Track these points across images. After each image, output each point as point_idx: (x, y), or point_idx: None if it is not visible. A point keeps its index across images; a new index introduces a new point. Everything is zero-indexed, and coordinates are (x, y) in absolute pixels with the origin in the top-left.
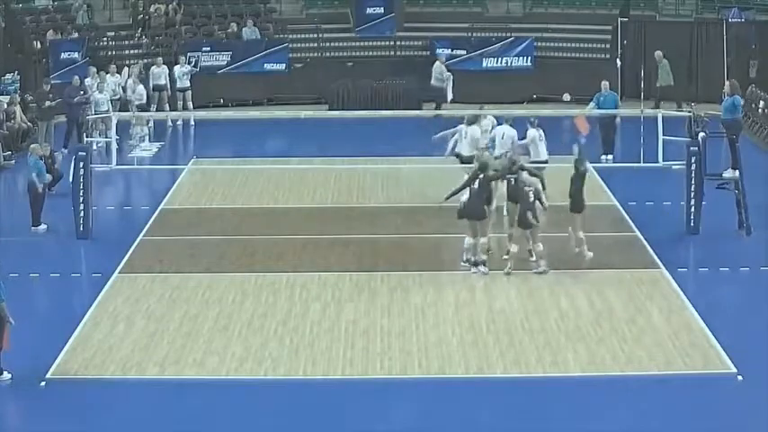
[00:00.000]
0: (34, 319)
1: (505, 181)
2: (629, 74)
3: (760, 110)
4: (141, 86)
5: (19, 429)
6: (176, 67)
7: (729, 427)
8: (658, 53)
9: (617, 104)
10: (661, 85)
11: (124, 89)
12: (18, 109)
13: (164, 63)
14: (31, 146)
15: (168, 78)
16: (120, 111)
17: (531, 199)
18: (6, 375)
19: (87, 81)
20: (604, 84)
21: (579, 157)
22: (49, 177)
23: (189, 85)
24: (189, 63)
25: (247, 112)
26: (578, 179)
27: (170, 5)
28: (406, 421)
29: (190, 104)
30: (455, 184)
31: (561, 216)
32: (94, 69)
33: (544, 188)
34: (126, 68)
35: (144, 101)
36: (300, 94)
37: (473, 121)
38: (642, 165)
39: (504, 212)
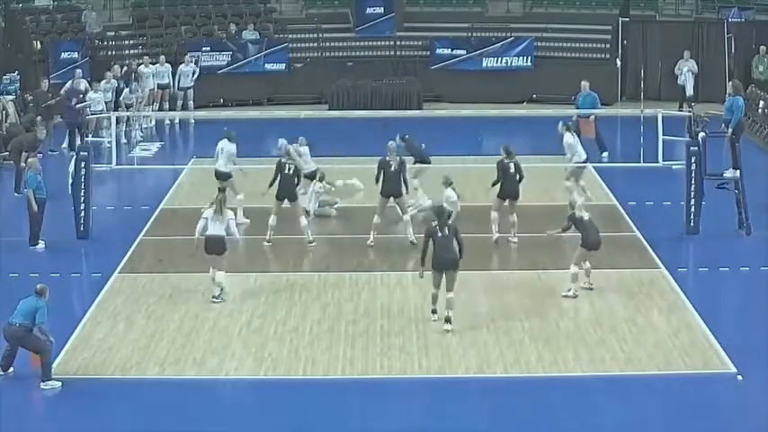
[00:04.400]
0: None
1: None
2: (629, 74)
3: (760, 110)
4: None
5: (19, 429)
6: (181, 66)
7: (729, 427)
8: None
9: (595, 105)
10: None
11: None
12: (12, 109)
13: (166, 62)
14: (29, 160)
15: (172, 77)
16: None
17: None
18: (57, 383)
19: (102, 83)
20: (584, 84)
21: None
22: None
23: (192, 84)
24: (192, 62)
25: (247, 112)
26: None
27: None
28: (406, 421)
29: (190, 104)
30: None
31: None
32: (110, 73)
33: None
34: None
35: (131, 101)
36: (300, 94)
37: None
38: (642, 165)
39: None
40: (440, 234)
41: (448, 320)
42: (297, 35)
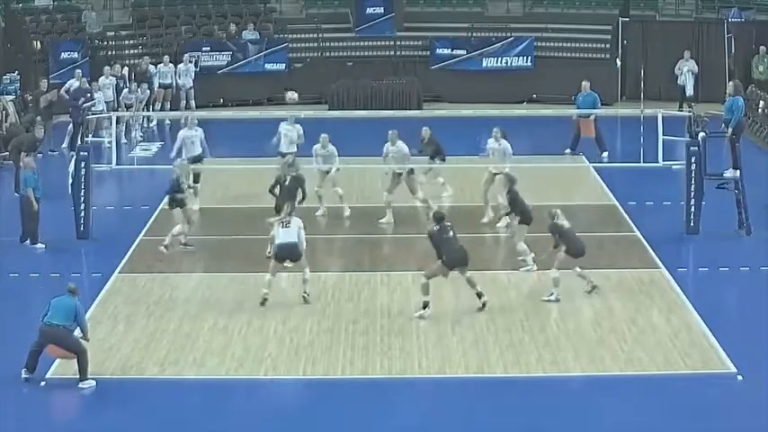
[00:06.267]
0: (34, 319)
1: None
2: (629, 74)
3: (760, 110)
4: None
5: (18, 429)
6: (180, 66)
7: (729, 427)
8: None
9: (596, 105)
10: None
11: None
12: (12, 109)
13: (170, 62)
14: (25, 159)
15: (174, 77)
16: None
17: None
18: (92, 382)
19: (101, 80)
20: (584, 84)
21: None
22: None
23: (192, 84)
24: (190, 62)
25: (247, 112)
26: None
27: None
28: (406, 421)
29: (192, 103)
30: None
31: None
32: (108, 68)
33: None
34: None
35: (131, 102)
36: (300, 93)
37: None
38: (642, 165)
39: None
40: (445, 236)
41: (480, 296)
42: (297, 35)
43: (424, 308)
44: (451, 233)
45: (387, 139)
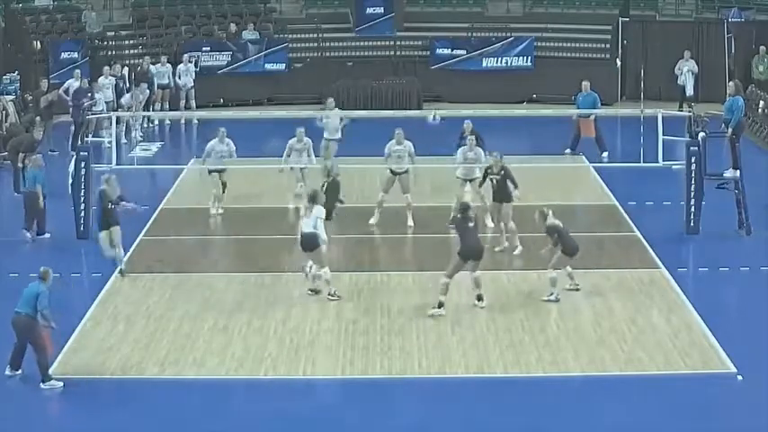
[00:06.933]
0: None
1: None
2: (629, 74)
3: (760, 110)
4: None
5: (18, 429)
6: (180, 66)
7: (729, 427)
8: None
9: (596, 105)
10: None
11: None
12: (12, 109)
13: (168, 62)
14: (32, 157)
15: (172, 77)
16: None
17: None
18: (58, 383)
19: (100, 80)
20: (585, 84)
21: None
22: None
23: (192, 84)
24: (190, 62)
25: (247, 112)
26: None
27: None
28: (406, 421)
29: (192, 103)
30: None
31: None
32: (108, 68)
33: None
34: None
35: (131, 104)
36: (300, 94)
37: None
38: (642, 165)
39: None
40: (469, 225)
41: (480, 298)
42: (297, 35)
43: (440, 307)
44: (472, 224)
45: (391, 137)
